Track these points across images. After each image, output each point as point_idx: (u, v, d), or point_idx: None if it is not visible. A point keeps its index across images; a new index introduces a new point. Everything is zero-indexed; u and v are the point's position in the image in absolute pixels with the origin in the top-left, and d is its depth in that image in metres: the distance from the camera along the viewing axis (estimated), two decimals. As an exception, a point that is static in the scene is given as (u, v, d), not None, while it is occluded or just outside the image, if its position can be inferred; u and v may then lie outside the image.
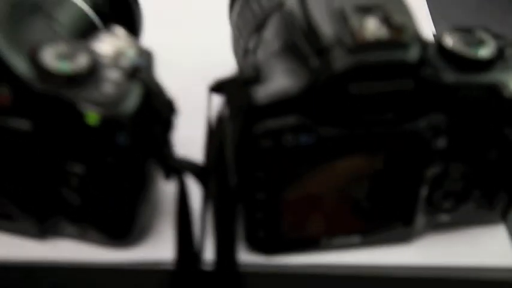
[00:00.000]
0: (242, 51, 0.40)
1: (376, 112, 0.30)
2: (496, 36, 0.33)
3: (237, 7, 0.42)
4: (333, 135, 0.30)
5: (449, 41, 0.32)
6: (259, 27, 0.38)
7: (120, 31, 0.34)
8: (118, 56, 0.32)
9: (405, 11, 0.31)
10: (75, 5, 0.38)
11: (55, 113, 0.30)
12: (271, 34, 0.35)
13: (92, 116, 0.29)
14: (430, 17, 0.52)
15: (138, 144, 0.31)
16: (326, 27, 0.30)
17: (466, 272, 0.34)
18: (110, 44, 0.32)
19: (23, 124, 0.30)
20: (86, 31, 0.37)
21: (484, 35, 0.32)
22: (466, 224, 0.35)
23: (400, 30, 0.29)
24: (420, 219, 0.34)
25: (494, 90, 0.31)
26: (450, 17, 0.57)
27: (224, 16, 0.43)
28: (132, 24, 0.41)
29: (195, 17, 0.52)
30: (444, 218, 0.35)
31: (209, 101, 0.33)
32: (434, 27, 0.49)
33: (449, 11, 0.59)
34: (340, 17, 0.30)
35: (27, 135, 0.30)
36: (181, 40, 0.48)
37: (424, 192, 0.33)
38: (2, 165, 0.32)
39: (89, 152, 0.30)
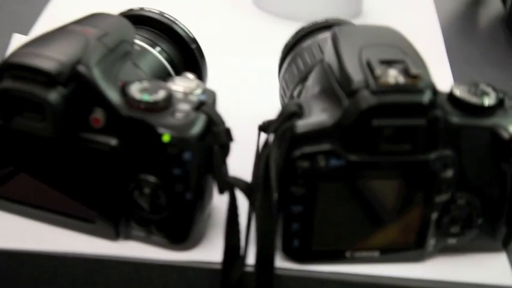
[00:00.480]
0: (288, 99, 0.48)
1: (394, 143, 0.37)
2: (499, 90, 0.40)
3: (285, 65, 0.50)
4: (358, 161, 0.37)
5: (457, 90, 0.39)
6: (303, 80, 0.46)
7: (190, 75, 0.42)
8: (188, 93, 0.40)
9: (422, 64, 0.38)
10: (156, 57, 0.46)
11: (137, 133, 0.38)
12: (312, 82, 0.42)
13: (166, 136, 0.37)
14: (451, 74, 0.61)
15: (200, 160, 0.38)
16: (356, 75, 0.37)
17: (468, 287, 0.40)
18: (181, 84, 0.41)
19: (111, 141, 0.38)
20: (162, 78, 0.45)
21: (487, 88, 0.40)
22: (470, 250, 0.41)
23: (416, 78, 0.37)
24: (431, 242, 0.40)
25: (493, 132, 0.38)
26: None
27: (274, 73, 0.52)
28: (199, 73, 0.49)
29: (250, 70, 0.61)
30: (451, 241, 0.41)
31: (258, 136, 0.40)
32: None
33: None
34: (367, 68, 0.37)
35: (114, 150, 0.38)
36: (238, 90, 0.56)
37: (434, 216, 0.39)
38: (88, 175, 0.39)
39: (160, 165, 0.38)
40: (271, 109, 0.45)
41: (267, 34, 0.69)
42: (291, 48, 0.50)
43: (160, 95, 0.38)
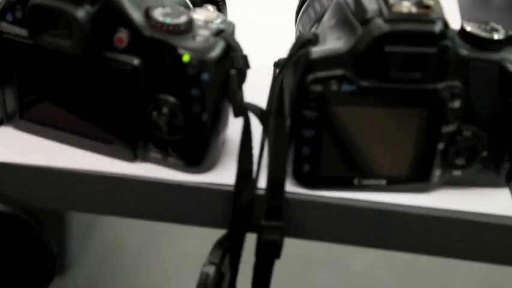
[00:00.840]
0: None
1: (405, 70, 0.38)
2: (508, 30, 0.41)
3: (302, 10, 0.51)
4: (369, 86, 0.39)
5: (468, 26, 0.40)
6: (319, 19, 0.47)
7: (210, 7, 0.44)
8: (208, 21, 0.42)
9: (434, -1, 0.40)
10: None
11: (158, 54, 0.39)
12: (327, 17, 0.44)
13: (186, 57, 0.39)
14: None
15: (217, 82, 0.40)
16: (370, 5, 0.39)
17: (471, 215, 0.41)
18: (203, 14, 0.42)
19: (133, 60, 0.40)
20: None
21: (497, 26, 0.41)
22: (475, 184, 0.43)
23: (428, 9, 0.38)
24: (436, 173, 0.42)
25: (501, 66, 0.40)
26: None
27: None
28: (218, 8, 0.51)
29: (268, 20, 0.63)
30: (456, 173, 0.42)
31: (274, 71, 0.42)
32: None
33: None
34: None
35: (136, 70, 0.40)
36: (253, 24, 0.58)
37: (440, 147, 0.41)
38: (110, 95, 0.41)
39: (179, 85, 0.40)
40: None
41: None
42: (308, -6, 0.52)
43: (182, 19, 0.40)
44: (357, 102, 0.39)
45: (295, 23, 0.54)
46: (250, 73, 0.41)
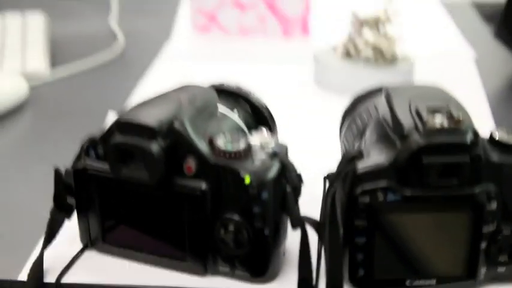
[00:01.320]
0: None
1: (443, 178, 0.43)
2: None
3: (345, 126, 0.57)
4: (412, 195, 0.43)
5: (496, 133, 0.45)
6: (361, 135, 0.53)
7: (264, 131, 0.49)
8: (264, 145, 0.47)
9: (464, 110, 0.45)
10: (233, 121, 0.54)
11: (223, 178, 0.45)
12: (369, 134, 0.49)
13: (247, 179, 0.44)
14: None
15: (275, 200, 0.45)
16: (407, 121, 0.44)
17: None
18: (258, 138, 0.48)
19: (202, 185, 0.45)
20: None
21: (524, 132, 0.46)
22: (520, 278, 0.46)
23: (459, 121, 0.43)
24: (482, 270, 0.45)
25: (529, 169, 0.44)
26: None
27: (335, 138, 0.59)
28: (269, 127, 0.57)
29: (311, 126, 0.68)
30: (500, 270, 0.46)
31: (324, 184, 0.47)
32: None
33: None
34: (416, 115, 0.44)
35: (204, 193, 0.45)
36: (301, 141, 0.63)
37: (483, 246, 0.45)
38: (180, 217, 0.46)
39: (243, 204, 0.45)
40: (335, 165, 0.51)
41: (326, 106, 0.77)
42: (349, 112, 0.57)
43: (242, 145, 0.46)
44: (402, 210, 0.44)
45: (340, 137, 0.59)
46: (305, 185, 0.46)
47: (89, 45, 1.00)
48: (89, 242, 0.50)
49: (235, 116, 0.54)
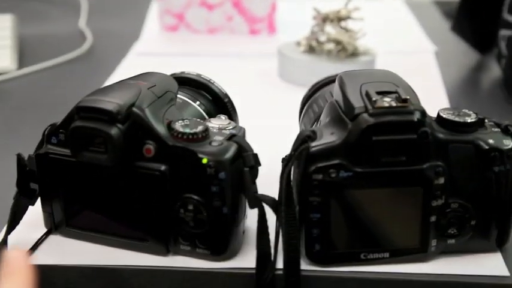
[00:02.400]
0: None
1: (392, 156, 0.45)
2: (479, 115, 0.48)
3: (303, 112, 0.59)
4: (363, 171, 0.45)
5: (443, 113, 0.47)
6: (317, 119, 0.54)
7: (222, 116, 0.51)
8: (221, 128, 0.49)
9: (411, 92, 0.46)
10: (196, 108, 0.55)
11: (181, 159, 0.46)
12: (323, 117, 0.51)
13: (205, 159, 0.46)
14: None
15: (233, 179, 0.46)
16: (357, 103, 0.46)
17: (466, 278, 0.46)
18: (216, 122, 0.50)
19: (161, 166, 0.47)
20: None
21: (469, 112, 0.48)
22: (468, 250, 0.48)
23: (406, 102, 0.45)
24: (432, 242, 0.47)
25: (475, 144, 0.46)
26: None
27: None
28: (230, 117, 0.58)
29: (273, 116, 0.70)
30: (450, 242, 0.48)
31: (283, 164, 0.48)
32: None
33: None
34: (366, 97, 0.46)
35: (163, 174, 0.47)
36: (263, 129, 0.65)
37: (432, 219, 0.47)
38: (142, 199, 0.48)
39: (201, 184, 0.46)
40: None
41: (288, 97, 0.79)
42: (307, 98, 0.59)
43: (199, 128, 0.47)
44: (354, 186, 0.46)
45: (299, 122, 0.61)
46: (264, 169, 0.48)
47: (58, 45, 1.01)
48: (53, 227, 0.51)
49: (195, 103, 0.56)
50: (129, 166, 0.47)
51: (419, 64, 0.93)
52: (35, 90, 0.84)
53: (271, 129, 0.70)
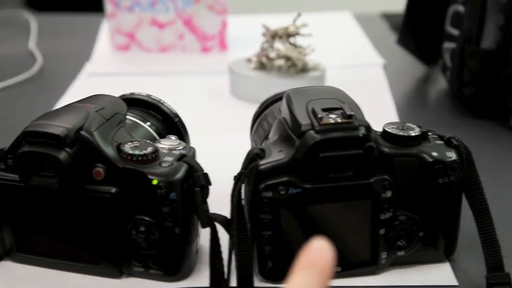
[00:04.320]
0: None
1: (339, 171, 0.46)
2: (423, 128, 0.49)
3: (254, 129, 0.60)
4: (312, 187, 0.46)
5: (388, 128, 0.48)
6: (266, 136, 0.55)
7: (172, 137, 0.51)
8: (171, 149, 0.49)
9: (356, 108, 0.47)
10: (146, 129, 0.56)
11: (132, 181, 0.46)
12: (272, 134, 0.52)
13: (155, 181, 0.46)
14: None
15: (184, 200, 0.47)
16: (304, 120, 0.47)
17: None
18: (166, 143, 0.50)
19: (111, 189, 0.47)
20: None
21: (413, 125, 0.49)
22: (418, 261, 0.49)
23: (351, 118, 0.46)
24: (383, 255, 0.48)
25: (419, 157, 0.47)
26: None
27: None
28: (181, 137, 0.58)
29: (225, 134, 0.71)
30: (400, 253, 0.49)
31: (234, 182, 0.49)
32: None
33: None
34: (312, 114, 0.47)
35: (113, 197, 0.47)
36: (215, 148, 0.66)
37: (382, 232, 0.47)
38: (93, 221, 0.48)
39: (152, 205, 0.47)
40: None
41: (240, 114, 0.79)
42: (258, 116, 0.60)
43: (149, 150, 0.47)
44: (304, 202, 0.46)
45: (250, 140, 0.61)
46: (217, 187, 0.48)
47: (8, 67, 1.00)
48: (4, 253, 0.51)
49: (146, 124, 0.56)
50: (79, 189, 0.47)
51: (368, 77, 0.94)
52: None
53: (223, 147, 0.70)
